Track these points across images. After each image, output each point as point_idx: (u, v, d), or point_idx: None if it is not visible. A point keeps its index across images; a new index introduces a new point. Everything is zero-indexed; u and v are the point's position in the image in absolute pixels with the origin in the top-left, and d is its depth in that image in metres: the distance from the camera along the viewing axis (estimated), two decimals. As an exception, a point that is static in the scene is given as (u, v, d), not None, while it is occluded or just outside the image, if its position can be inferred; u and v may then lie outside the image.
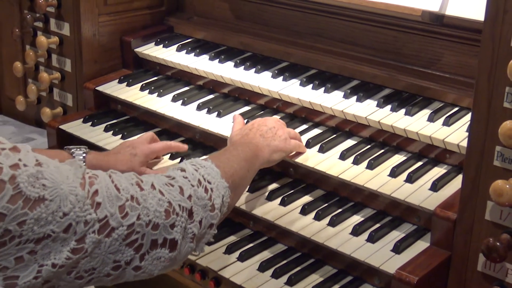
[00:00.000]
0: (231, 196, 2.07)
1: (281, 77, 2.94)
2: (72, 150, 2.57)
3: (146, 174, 1.91)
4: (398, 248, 2.27)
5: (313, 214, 2.47)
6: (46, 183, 1.55)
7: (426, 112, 2.60)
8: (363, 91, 2.76)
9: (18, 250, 1.53)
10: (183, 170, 1.96)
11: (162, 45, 3.40)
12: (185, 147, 2.82)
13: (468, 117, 2.48)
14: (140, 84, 3.25)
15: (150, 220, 1.75)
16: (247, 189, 2.54)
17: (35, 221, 1.53)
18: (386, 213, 2.46)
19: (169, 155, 2.84)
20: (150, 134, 2.79)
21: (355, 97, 2.74)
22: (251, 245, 2.52)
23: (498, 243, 1.98)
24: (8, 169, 1.51)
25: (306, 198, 2.58)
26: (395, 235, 2.35)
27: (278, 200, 2.54)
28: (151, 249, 1.76)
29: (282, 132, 2.52)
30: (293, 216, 2.48)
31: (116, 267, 1.71)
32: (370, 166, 2.49)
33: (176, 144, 2.81)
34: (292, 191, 2.60)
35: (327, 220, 2.44)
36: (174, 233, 1.81)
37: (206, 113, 2.95)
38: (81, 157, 2.55)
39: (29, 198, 1.52)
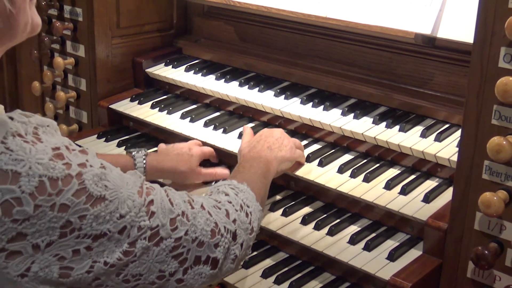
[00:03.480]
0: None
1: (283, 96, 2.95)
2: (133, 153, 2.60)
3: (195, 195, 1.94)
4: (393, 256, 2.27)
5: (313, 224, 2.48)
6: (108, 184, 1.59)
7: (419, 129, 2.60)
8: (359, 109, 2.77)
9: (76, 243, 1.55)
10: (226, 194, 2.00)
11: (171, 66, 3.41)
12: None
13: (458, 133, 2.49)
14: (151, 102, 3.26)
15: (197, 237, 1.77)
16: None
17: (95, 217, 1.56)
18: (381, 223, 2.47)
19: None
20: (196, 140, 2.83)
21: (352, 115, 2.75)
22: (255, 253, 2.52)
23: (486, 252, 1.98)
24: (76, 166, 1.55)
25: (306, 209, 2.58)
26: (390, 244, 2.36)
27: (280, 211, 2.55)
28: (194, 265, 1.78)
29: (287, 142, 2.51)
30: (294, 226, 2.48)
31: (161, 277, 1.72)
32: (367, 179, 2.50)
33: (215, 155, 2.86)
34: (293, 202, 2.61)
35: (326, 229, 2.44)
36: (217, 252, 1.83)
37: (213, 129, 2.96)
38: (142, 159, 2.58)
39: (92, 195, 1.55)
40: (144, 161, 2.57)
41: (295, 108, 2.86)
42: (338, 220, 2.50)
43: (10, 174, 1.47)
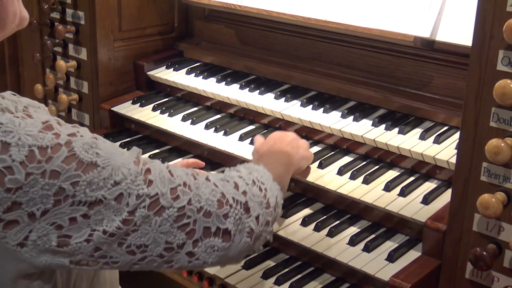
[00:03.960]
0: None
1: (283, 98, 2.96)
2: None
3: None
4: (392, 257, 2.28)
5: (313, 225, 2.48)
6: (99, 152, 1.58)
7: (418, 131, 2.61)
8: (359, 111, 2.77)
9: (72, 210, 1.54)
10: (238, 171, 1.93)
11: (172, 69, 3.41)
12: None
13: (457, 135, 2.49)
14: (152, 105, 3.26)
15: (202, 207, 1.71)
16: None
17: (88, 184, 1.54)
18: (380, 225, 2.47)
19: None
20: (189, 160, 2.73)
21: (352, 117, 2.75)
22: (255, 254, 2.51)
23: (484, 253, 1.99)
24: (65, 135, 1.55)
25: (306, 211, 2.59)
26: (389, 245, 2.36)
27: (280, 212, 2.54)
28: (205, 237, 1.71)
29: (302, 142, 2.50)
30: (294, 228, 2.49)
31: (169, 249, 1.67)
32: (366, 181, 2.50)
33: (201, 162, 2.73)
34: (293, 204, 2.61)
35: (326, 231, 2.44)
36: (228, 223, 1.75)
37: (214, 131, 2.97)
38: None
39: (82, 162, 1.54)
40: None
41: (295, 110, 2.87)
42: (338, 222, 2.50)
43: (0, 144, 1.48)
